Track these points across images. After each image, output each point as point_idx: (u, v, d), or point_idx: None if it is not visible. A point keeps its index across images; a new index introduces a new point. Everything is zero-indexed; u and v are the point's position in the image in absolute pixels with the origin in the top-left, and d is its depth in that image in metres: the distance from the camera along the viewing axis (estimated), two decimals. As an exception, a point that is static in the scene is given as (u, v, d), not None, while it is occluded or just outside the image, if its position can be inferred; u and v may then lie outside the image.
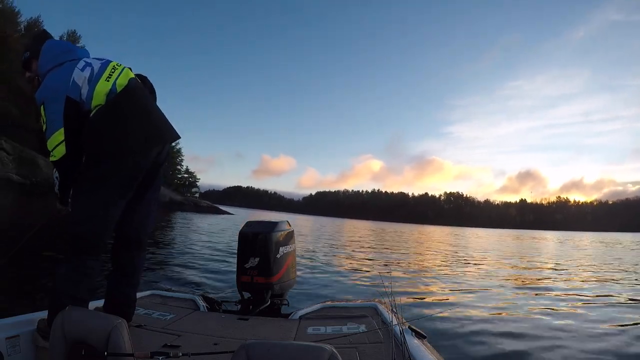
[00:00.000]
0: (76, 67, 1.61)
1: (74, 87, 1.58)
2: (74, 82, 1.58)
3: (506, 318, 4.80)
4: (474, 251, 18.03)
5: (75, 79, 1.59)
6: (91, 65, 1.64)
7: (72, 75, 1.59)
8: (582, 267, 12.39)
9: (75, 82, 1.58)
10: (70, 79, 1.58)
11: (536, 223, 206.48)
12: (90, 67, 1.63)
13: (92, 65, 1.64)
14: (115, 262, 1.85)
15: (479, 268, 10.91)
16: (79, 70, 1.60)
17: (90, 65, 1.64)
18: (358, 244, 17.75)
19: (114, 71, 1.66)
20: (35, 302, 3.24)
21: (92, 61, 1.67)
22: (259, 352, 0.95)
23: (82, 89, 1.59)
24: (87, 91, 1.59)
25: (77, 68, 1.61)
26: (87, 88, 1.59)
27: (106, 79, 1.62)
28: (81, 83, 1.59)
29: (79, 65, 1.62)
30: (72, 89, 1.57)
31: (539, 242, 32.04)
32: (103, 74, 1.63)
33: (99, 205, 1.59)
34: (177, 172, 58.77)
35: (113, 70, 1.66)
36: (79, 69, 1.61)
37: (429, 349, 1.57)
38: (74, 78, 1.59)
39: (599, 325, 4.54)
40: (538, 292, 7.06)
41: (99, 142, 1.59)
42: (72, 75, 1.59)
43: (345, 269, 8.59)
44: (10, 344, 1.46)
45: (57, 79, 1.60)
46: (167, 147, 1.80)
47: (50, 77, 1.63)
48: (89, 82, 1.59)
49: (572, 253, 20.14)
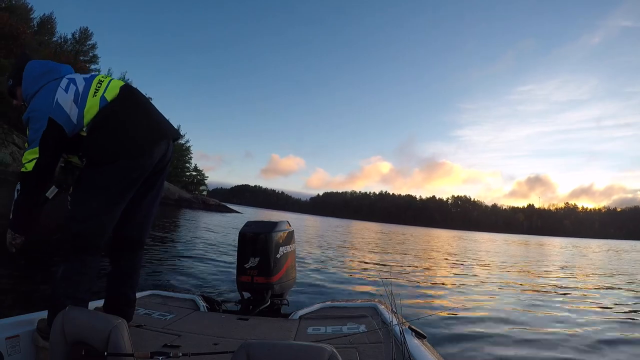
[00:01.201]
0: (59, 86, 1.59)
1: (57, 108, 1.55)
2: (57, 104, 1.55)
3: (506, 319, 4.80)
4: (475, 254, 18.03)
5: (59, 100, 1.56)
6: (75, 83, 1.62)
7: (55, 96, 1.57)
8: (582, 271, 12.39)
9: (59, 103, 1.56)
10: (54, 100, 1.56)
11: (544, 229, 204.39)
12: (75, 86, 1.60)
13: (75, 83, 1.62)
14: (114, 262, 1.85)
15: (479, 270, 10.91)
16: (62, 91, 1.58)
17: (73, 83, 1.61)
18: (360, 245, 17.74)
19: (100, 85, 1.64)
20: (35, 302, 3.24)
21: (76, 77, 1.65)
22: (259, 352, 0.95)
23: (70, 111, 1.56)
24: (76, 113, 1.57)
25: (60, 88, 1.59)
26: (77, 110, 1.57)
27: (93, 94, 1.60)
28: (68, 106, 1.56)
29: (62, 84, 1.60)
30: (55, 110, 1.54)
31: (543, 249, 31.79)
32: (89, 90, 1.61)
33: (100, 204, 1.59)
34: (186, 169, 58.61)
35: (99, 84, 1.64)
36: (62, 89, 1.59)
37: (429, 349, 1.57)
38: (57, 99, 1.56)
39: (598, 329, 4.54)
40: (538, 295, 7.07)
41: (97, 150, 1.58)
42: (55, 96, 1.57)
43: (345, 269, 8.59)
44: (10, 344, 1.46)
45: (40, 102, 1.58)
46: (171, 147, 1.79)
47: (34, 101, 1.60)
48: (76, 104, 1.57)
49: (574, 259, 20.15)
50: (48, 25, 39.15)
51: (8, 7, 32.60)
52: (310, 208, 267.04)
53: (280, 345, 0.98)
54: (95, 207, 1.58)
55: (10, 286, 3.85)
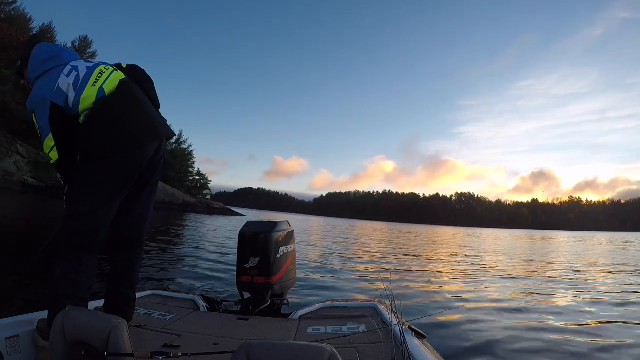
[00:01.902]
0: (62, 73, 1.63)
1: (58, 92, 1.60)
2: (59, 88, 1.60)
3: (507, 318, 4.80)
4: (477, 251, 18.02)
5: (60, 85, 1.60)
6: (77, 70, 1.65)
7: (57, 81, 1.61)
8: (584, 265, 12.39)
9: (60, 87, 1.60)
10: (55, 86, 1.60)
11: (548, 223, 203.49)
12: (76, 72, 1.64)
13: (77, 70, 1.65)
14: (113, 261, 1.85)
15: (479, 268, 10.91)
16: (64, 76, 1.62)
17: (76, 70, 1.65)
18: (360, 244, 17.74)
19: (101, 75, 1.66)
20: (35, 302, 3.24)
21: (79, 64, 1.68)
22: (259, 352, 0.95)
23: (68, 94, 1.60)
24: (73, 97, 1.60)
25: (62, 74, 1.63)
26: (74, 94, 1.60)
27: (92, 84, 1.63)
28: (66, 89, 1.60)
29: (65, 71, 1.64)
30: (56, 95, 1.59)
31: (547, 243, 31.68)
32: (89, 79, 1.64)
33: (95, 200, 1.59)
34: (189, 174, 58.80)
35: (100, 74, 1.66)
36: (65, 75, 1.63)
37: (429, 349, 1.57)
38: (59, 84, 1.60)
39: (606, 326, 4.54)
40: (540, 292, 7.06)
41: (92, 142, 1.59)
42: (57, 81, 1.61)
43: (345, 269, 8.59)
44: (10, 344, 1.46)
45: (43, 87, 1.63)
46: (164, 145, 1.79)
47: (37, 85, 1.65)
48: (74, 88, 1.61)
49: (576, 252, 20.13)
50: (48, 34, 39.05)
51: (7, 18, 32.72)
52: (314, 209, 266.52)
53: (280, 345, 0.98)
54: (90, 203, 1.58)
55: (10, 286, 3.85)
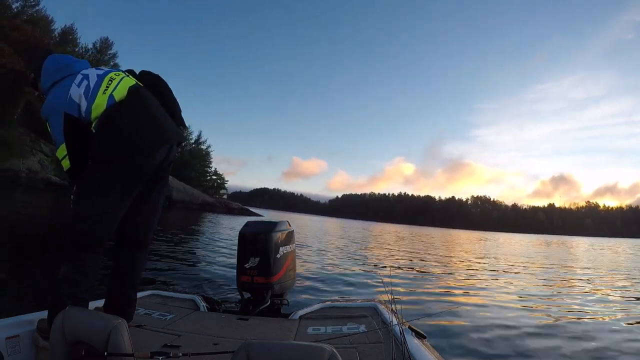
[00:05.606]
0: (73, 82, 1.66)
1: (71, 103, 1.63)
2: (71, 99, 1.63)
3: (507, 318, 4.80)
4: (480, 254, 18.01)
5: (72, 95, 1.64)
6: (88, 79, 1.68)
7: (69, 91, 1.64)
8: (586, 269, 12.39)
9: (72, 98, 1.63)
10: (67, 96, 1.63)
11: (564, 228, 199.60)
12: (87, 81, 1.67)
13: (88, 79, 1.68)
14: (116, 262, 1.85)
15: (480, 269, 10.91)
16: (76, 86, 1.66)
17: (86, 79, 1.68)
18: (365, 246, 17.73)
19: (111, 83, 1.69)
20: (35, 302, 3.24)
21: (90, 73, 1.71)
22: (259, 352, 0.95)
23: (80, 104, 1.63)
24: (85, 106, 1.64)
25: (74, 84, 1.66)
26: (86, 103, 1.63)
27: (103, 92, 1.65)
28: (78, 99, 1.63)
29: (76, 80, 1.67)
30: (69, 105, 1.63)
31: (557, 247, 31.36)
32: (100, 87, 1.66)
33: (103, 202, 1.60)
34: (207, 174, 58.79)
35: (110, 81, 1.69)
36: (76, 85, 1.66)
37: (429, 349, 1.57)
38: (71, 94, 1.64)
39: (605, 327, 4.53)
40: (541, 293, 7.06)
41: (102, 147, 1.61)
42: (69, 91, 1.64)
43: (345, 269, 8.58)
44: (10, 344, 1.46)
45: (55, 97, 1.67)
46: (174, 149, 1.81)
47: (50, 94, 1.70)
48: (86, 98, 1.64)
49: (578, 255, 20.11)
50: (69, 36, 39.54)
51: (31, 20, 33.03)
52: (329, 210, 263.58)
53: (280, 345, 0.98)
54: (97, 205, 1.60)
55: (11, 286, 3.85)
